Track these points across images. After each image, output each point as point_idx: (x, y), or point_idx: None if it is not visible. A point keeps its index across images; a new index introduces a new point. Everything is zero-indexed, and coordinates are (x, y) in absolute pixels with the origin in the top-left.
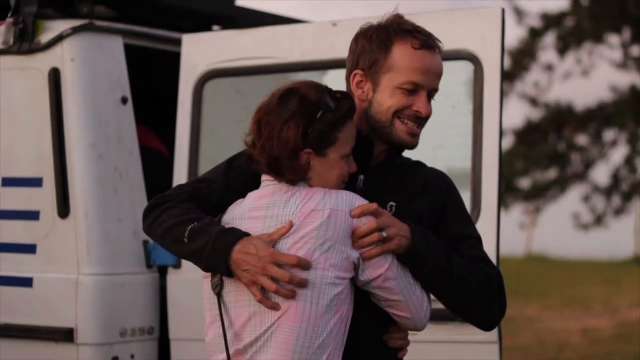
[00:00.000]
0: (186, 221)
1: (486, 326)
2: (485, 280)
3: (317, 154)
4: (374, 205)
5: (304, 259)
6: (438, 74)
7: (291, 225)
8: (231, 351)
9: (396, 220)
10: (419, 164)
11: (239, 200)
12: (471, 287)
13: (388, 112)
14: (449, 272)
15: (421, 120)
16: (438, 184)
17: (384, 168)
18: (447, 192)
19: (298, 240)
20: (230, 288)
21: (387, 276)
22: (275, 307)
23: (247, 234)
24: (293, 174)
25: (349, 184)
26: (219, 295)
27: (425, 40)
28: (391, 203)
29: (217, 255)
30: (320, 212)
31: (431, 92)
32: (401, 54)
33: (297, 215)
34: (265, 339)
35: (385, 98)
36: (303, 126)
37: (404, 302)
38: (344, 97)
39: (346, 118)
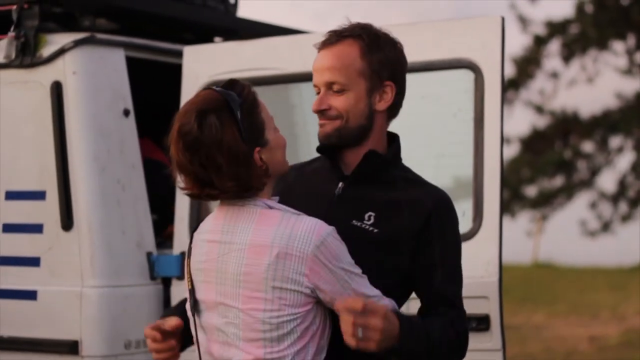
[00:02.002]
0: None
1: None
2: (456, 341)
3: (262, 146)
4: (360, 304)
5: None
6: (328, 67)
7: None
8: None
9: (386, 323)
10: (417, 181)
11: (210, 215)
12: (442, 356)
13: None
14: (427, 352)
15: (322, 113)
16: (430, 203)
17: (365, 176)
18: (432, 210)
19: (249, 281)
20: (204, 313)
21: None
22: None
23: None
24: (259, 180)
25: (326, 191)
26: (194, 316)
27: (324, 41)
28: (370, 213)
29: None
30: (267, 249)
31: (331, 85)
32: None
33: (245, 248)
34: None
35: None
36: (237, 133)
37: None
38: (235, 83)
39: (255, 97)
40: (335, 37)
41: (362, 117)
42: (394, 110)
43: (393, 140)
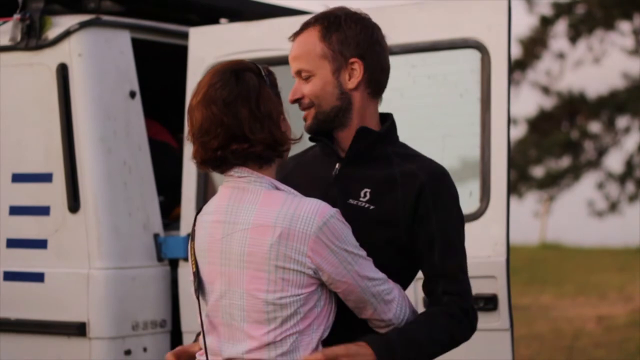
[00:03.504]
0: None
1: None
2: (457, 326)
3: (284, 117)
4: (320, 356)
5: None
6: (294, 57)
7: None
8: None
9: (357, 354)
10: (412, 155)
11: (213, 197)
12: (444, 349)
13: None
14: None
15: (304, 104)
16: (417, 174)
17: (360, 155)
18: (425, 183)
19: (253, 262)
20: (209, 296)
21: (349, 290)
22: None
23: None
24: (285, 142)
25: (325, 173)
26: (198, 298)
27: (296, 31)
28: (366, 190)
29: None
30: (270, 229)
31: (300, 74)
32: None
33: (248, 228)
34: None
35: None
36: (271, 92)
37: (371, 309)
38: (254, 63)
39: (275, 75)
40: (301, 27)
41: (333, 99)
42: (374, 86)
43: (387, 119)
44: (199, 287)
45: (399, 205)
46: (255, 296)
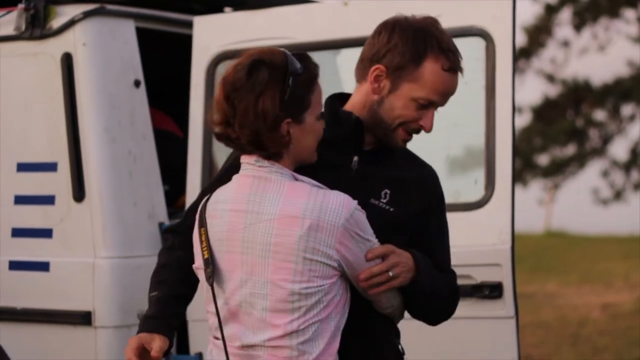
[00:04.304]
0: (152, 285)
1: (435, 324)
2: (452, 293)
3: (295, 121)
4: (384, 249)
5: None
6: (452, 95)
7: None
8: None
9: (402, 256)
10: (411, 155)
11: (228, 184)
12: (442, 304)
13: (396, 120)
14: (431, 293)
15: (418, 131)
16: (430, 181)
17: (377, 154)
18: (436, 190)
19: (279, 252)
20: (226, 284)
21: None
22: None
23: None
24: (275, 146)
25: (343, 166)
26: (212, 285)
27: (454, 63)
28: (386, 190)
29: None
30: (299, 220)
31: (438, 108)
32: (430, 71)
33: (274, 218)
34: (261, 347)
35: (398, 105)
36: (279, 96)
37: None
38: (306, 58)
39: (315, 78)
40: (459, 65)
41: None
42: None
43: None
44: (213, 275)
45: (412, 210)
46: (280, 286)
